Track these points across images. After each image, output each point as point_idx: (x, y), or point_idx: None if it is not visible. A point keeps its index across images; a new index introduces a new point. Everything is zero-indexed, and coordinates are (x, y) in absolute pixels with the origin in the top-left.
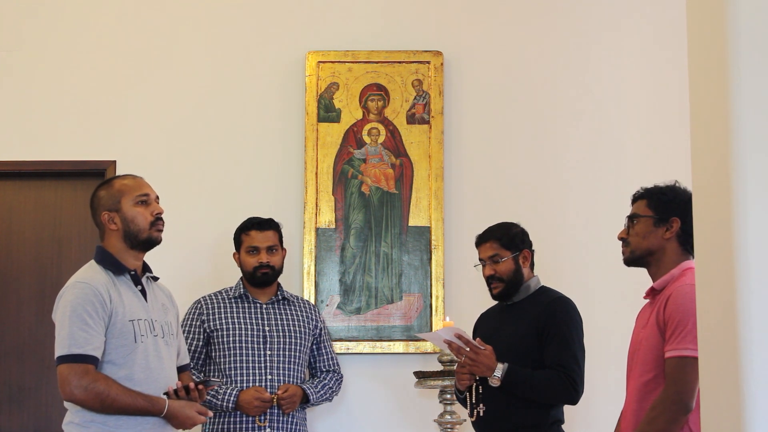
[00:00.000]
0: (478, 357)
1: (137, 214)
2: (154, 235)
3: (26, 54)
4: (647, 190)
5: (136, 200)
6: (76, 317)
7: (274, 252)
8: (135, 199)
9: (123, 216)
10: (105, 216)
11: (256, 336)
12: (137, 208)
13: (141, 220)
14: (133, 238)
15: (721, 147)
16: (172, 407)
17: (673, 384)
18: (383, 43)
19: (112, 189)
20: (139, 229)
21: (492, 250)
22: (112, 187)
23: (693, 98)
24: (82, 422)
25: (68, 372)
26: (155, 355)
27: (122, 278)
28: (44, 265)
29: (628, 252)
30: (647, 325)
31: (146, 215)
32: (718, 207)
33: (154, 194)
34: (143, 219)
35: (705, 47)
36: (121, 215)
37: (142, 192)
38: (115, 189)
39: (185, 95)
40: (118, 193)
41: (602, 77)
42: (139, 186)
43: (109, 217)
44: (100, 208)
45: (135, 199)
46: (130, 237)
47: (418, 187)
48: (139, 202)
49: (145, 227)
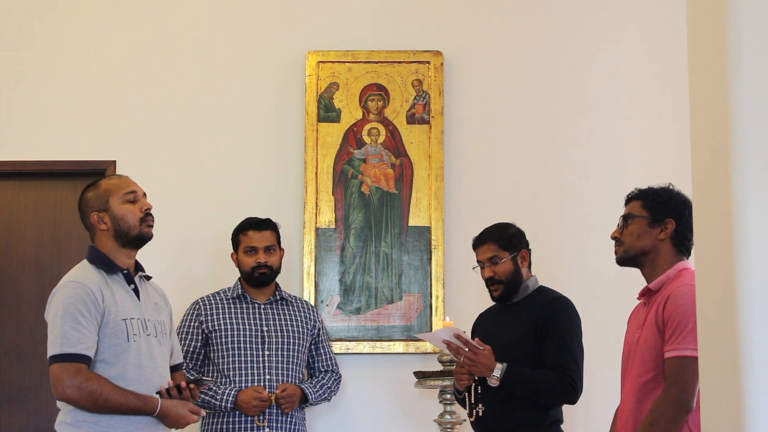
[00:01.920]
0: (476, 357)
1: (126, 212)
2: (145, 231)
3: (26, 54)
4: (642, 191)
5: (124, 198)
6: (68, 316)
7: (272, 252)
8: (123, 197)
9: (112, 215)
10: (94, 217)
11: (255, 336)
12: (126, 206)
13: (130, 218)
14: (124, 236)
15: (721, 147)
16: (164, 406)
17: (674, 384)
18: (383, 43)
19: (99, 189)
20: (130, 227)
21: (490, 252)
22: (98, 187)
23: (693, 98)
24: (75, 422)
25: (60, 371)
26: (148, 354)
27: (115, 277)
28: (44, 265)
29: (621, 251)
30: (644, 326)
31: (135, 212)
32: (718, 207)
33: (141, 191)
34: (132, 216)
35: (705, 47)
36: (110, 214)
37: (129, 189)
38: (102, 189)
39: (185, 95)
40: (106, 193)
41: (602, 77)
42: (125, 184)
43: (98, 218)
44: (89, 209)
45: (123, 198)
46: (121, 235)
47: (418, 187)
48: (126, 200)
49: (135, 224)
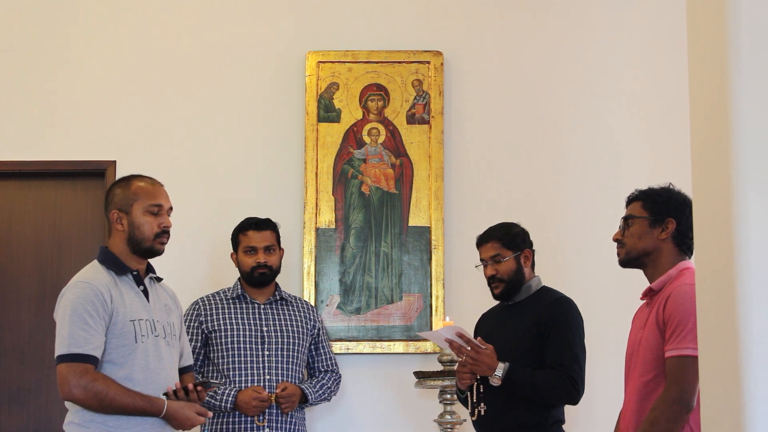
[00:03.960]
0: (479, 356)
1: (145, 223)
2: (157, 247)
3: (26, 54)
4: (642, 191)
5: (148, 209)
6: (76, 317)
7: (272, 252)
8: (147, 207)
9: (131, 220)
10: (114, 214)
11: (254, 336)
12: (146, 217)
13: (147, 230)
14: (136, 244)
15: (721, 147)
16: (171, 408)
17: (675, 383)
18: (383, 43)
19: (128, 190)
20: (144, 238)
21: (493, 250)
22: (128, 187)
23: (693, 98)
24: (82, 422)
25: (67, 371)
26: (155, 355)
27: (124, 278)
28: (44, 265)
29: (623, 253)
30: (646, 326)
31: (153, 226)
32: (718, 207)
33: (168, 205)
34: (149, 229)
35: (705, 47)
36: (130, 219)
37: (156, 202)
38: (131, 191)
39: (185, 95)
40: (133, 196)
41: (602, 77)
42: (154, 194)
43: (117, 216)
44: (112, 204)
45: (147, 208)
46: (133, 242)
47: (418, 187)
48: (149, 212)
49: (149, 237)
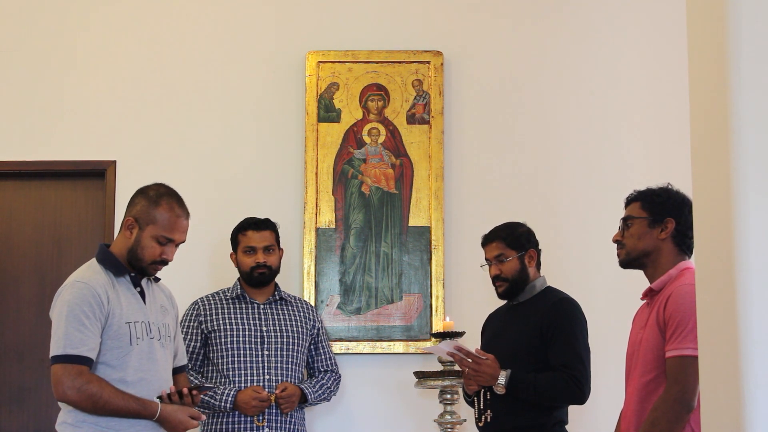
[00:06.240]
0: (480, 367)
1: (149, 247)
2: (149, 271)
3: (26, 54)
4: (640, 192)
5: (159, 237)
6: (72, 317)
7: (271, 252)
8: (158, 235)
9: (139, 237)
10: (129, 221)
11: (254, 336)
12: (153, 243)
13: (147, 254)
14: (132, 259)
15: (721, 147)
16: (164, 411)
17: (675, 384)
18: (383, 43)
19: (152, 209)
20: (141, 258)
21: (497, 250)
22: (154, 206)
23: (693, 98)
24: (75, 422)
25: (62, 372)
26: (149, 358)
27: (122, 279)
28: (44, 265)
29: (623, 254)
30: (647, 326)
31: (155, 253)
32: (718, 207)
33: (180, 240)
34: (150, 254)
35: (705, 47)
36: (139, 235)
37: (169, 236)
38: (154, 212)
39: (185, 95)
40: (152, 218)
41: (602, 77)
42: (171, 228)
43: (130, 224)
44: (133, 210)
45: (159, 236)
46: (131, 256)
47: (418, 187)
48: (158, 241)
49: (146, 260)
